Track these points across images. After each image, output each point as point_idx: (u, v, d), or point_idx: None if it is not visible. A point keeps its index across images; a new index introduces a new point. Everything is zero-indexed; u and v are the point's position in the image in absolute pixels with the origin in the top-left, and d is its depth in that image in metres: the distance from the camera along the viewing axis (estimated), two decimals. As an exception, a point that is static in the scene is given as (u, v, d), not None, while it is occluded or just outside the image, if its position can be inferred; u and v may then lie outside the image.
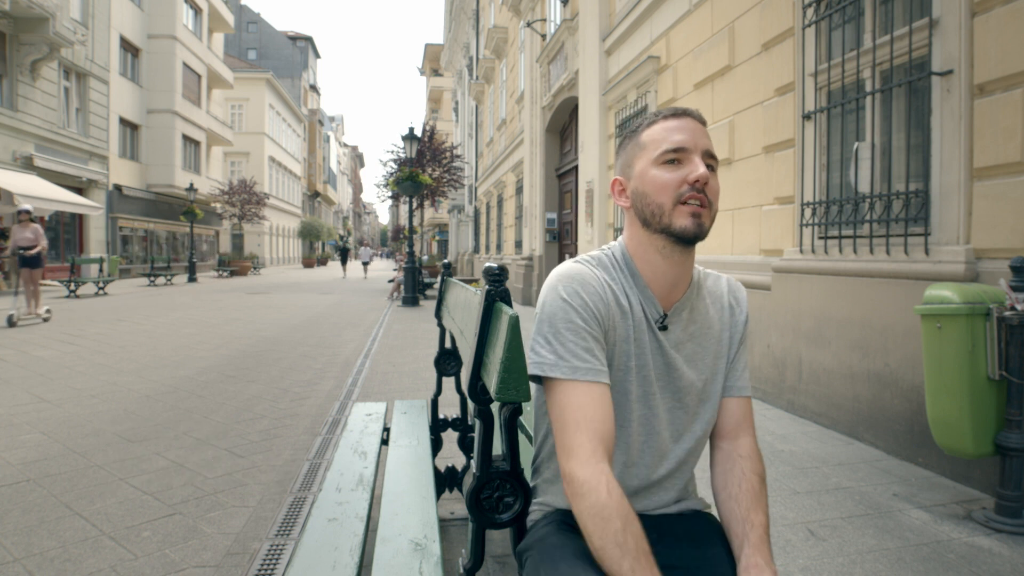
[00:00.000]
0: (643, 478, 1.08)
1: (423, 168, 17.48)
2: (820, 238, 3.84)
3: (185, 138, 24.92)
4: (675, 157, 1.02)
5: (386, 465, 1.96)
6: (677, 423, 1.10)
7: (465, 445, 2.50)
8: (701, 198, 1.00)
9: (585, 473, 0.92)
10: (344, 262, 29.52)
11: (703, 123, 1.06)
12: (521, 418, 1.04)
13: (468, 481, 1.05)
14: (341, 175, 79.49)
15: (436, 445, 2.48)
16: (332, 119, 71.44)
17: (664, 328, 1.07)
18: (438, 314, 2.47)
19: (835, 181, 3.81)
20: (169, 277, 19.55)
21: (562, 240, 11.88)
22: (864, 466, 3.07)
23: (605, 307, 1.03)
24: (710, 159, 1.03)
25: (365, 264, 28.31)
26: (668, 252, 1.04)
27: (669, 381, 1.08)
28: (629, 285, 1.07)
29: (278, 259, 42.02)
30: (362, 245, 27.81)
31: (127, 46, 21.46)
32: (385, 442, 2.29)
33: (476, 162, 22.96)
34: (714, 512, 1.15)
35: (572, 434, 0.95)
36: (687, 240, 1.01)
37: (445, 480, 2.38)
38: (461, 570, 1.10)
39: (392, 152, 18.60)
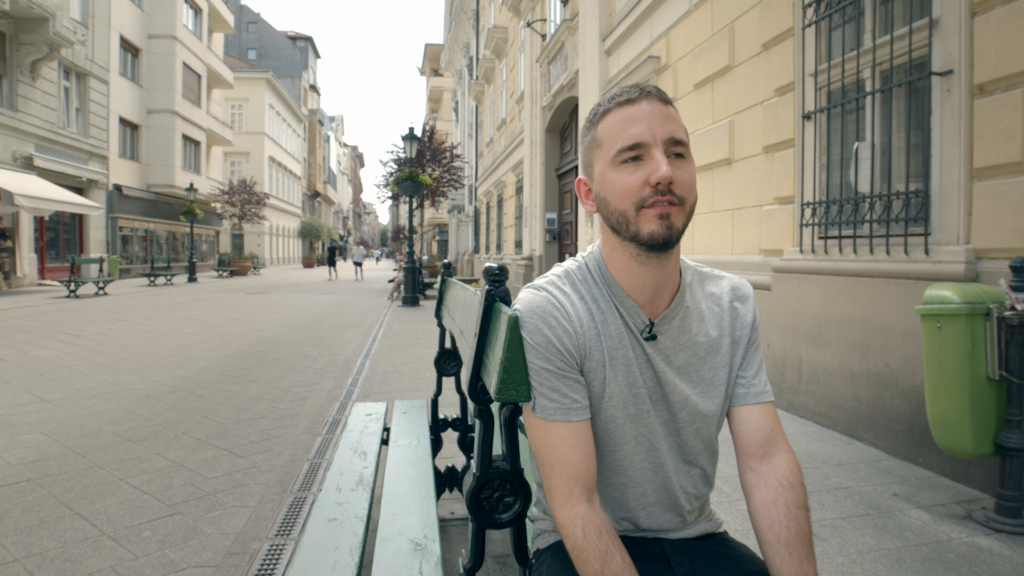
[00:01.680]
0: (653, 497, 1.03)
1: (423, 168, 17.48)
2: (820, 238, 3.84)
3: (185, 138, 24.92)
4: (634, 155, 0.90)
5: (386, 465, 1.96)
6: (676, 439, 1.03)
7: (465, 445, 2.50)
8: (667, 199, 0.89)
9: (562, 517, 0.93)
10: (332, 262, 25.59)
11: (664, 101, 0.92)
12: (521, 418, 1.04)
13: (468, 481, 1.04)
14: (341, 175, 79.49)
15: (436, 445, 2.48)
16: (332, 119, 71.44)
17: (653, 338, 0.98)
18: (438, 314, 2.47)
19: (835, 181, 3.81)
20: (169, 277, 19.55)
21: (562, 240, 11.88)
22: (864, 466, 3.07)
23: (574, 336, 0.95)
24: (675, 146, 0.90)
25: (357, 264, 25.71)
26: (643, 259, 0.94)
27: (662, 396, 1.00)
28: (605, 298, 0.99)
29: (278, 259, 42.01)
30: (357, 244, 26.30)
31: (127, 46, 21.46)
32: (385, 442, 2.29)
33: (476, 162, 22.96)
34: (726, 528, 1.13)
35: (548, 474, 0.95)
36: (657, 247, 0.91)
37: (445, 480, 2.38)
38: (461, 570, 1.10)
39: (392, 152, 18.61)
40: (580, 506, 0.92)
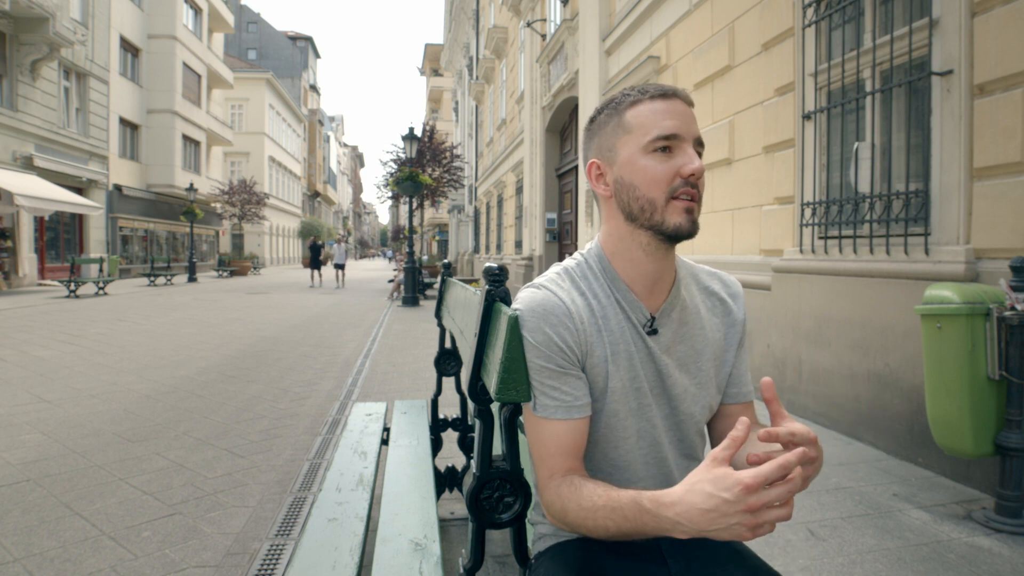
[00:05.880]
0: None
1: (423, 168, 17.47)
2: (820, 238, 3.84)
3: (185, 138, 24.91)
4: (667, 145, 0.93)
5: (386, 465, 1.96)
6: (677, 432, 1.04)
7: (465, 445, 2.50)
8: (694, 193, 0.93)
9: (545, 498, 0.96)
10: (316, 264, 20.32)
11: (691, 104, 0.97)
12: (521, 418, 1.04)
13: (468, 481, 1.04)
14: (341, 175, 79.49)
15: (436, 445, 2.48)
16: (332, 119, 71.43)
17: (654, 332, 1.00)
18: (438, 314, 2.47)
19: (835, 181, 3.81)
20: (169, 277, 19.54)
21: (562, 240, 11.88)
22: (864, 466, 3.07)
23: (575, 333, 0.96)
24: (699, 146, 0.95)
25: (339, 267, 20.20)
26: (652, 249, 0.97)
27: (663, 389, 1.02)
28: (606, 293, 1.00)
29: (278, 259, 42.01)
30: (336, 243, 21.63)
31: (127, 46, 21.45)
32: (385, 442, 2.29)
33: (476, 162, 22.96)
34: None
35: (539, 466, 0.98)
36: (680, 238, 0.94)
37: (445, 480, 2.38)
38: (461, 570, 1.10)
39: (392, 152, 18.60)
40: (556, 484, 0.94)
